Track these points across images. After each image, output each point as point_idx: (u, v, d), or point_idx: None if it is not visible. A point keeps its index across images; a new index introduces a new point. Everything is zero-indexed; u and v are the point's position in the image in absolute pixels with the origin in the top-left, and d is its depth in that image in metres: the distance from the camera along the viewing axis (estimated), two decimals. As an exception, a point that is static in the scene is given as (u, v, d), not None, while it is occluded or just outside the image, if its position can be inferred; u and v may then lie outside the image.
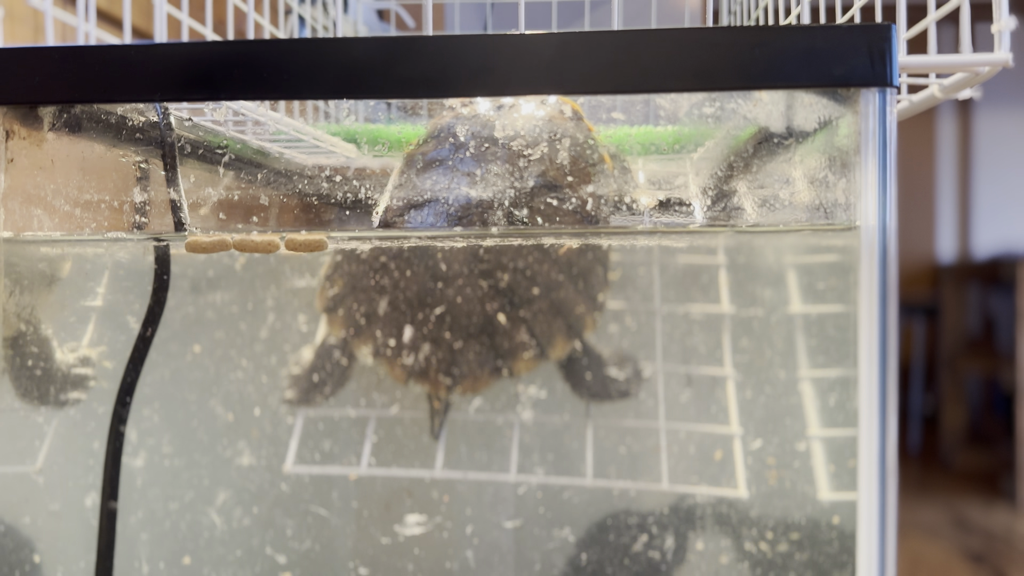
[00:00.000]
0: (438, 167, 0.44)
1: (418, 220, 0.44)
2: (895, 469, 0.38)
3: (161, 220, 0.44)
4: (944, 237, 3.23)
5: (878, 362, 0.38)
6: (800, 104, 0.42)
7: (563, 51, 0.38)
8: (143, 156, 0.44)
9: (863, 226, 0.38)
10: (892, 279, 0.38)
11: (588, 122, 0.45)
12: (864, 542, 0.39)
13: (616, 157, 0.46)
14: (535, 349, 0.57)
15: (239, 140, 0.47)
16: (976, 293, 2.99)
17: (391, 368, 0.58)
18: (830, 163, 0.41)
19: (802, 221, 0.44)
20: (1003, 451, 2.58)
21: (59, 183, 0.43)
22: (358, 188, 0.44)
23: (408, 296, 0.56)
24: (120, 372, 0.48)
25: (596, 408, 0.60)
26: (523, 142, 0.44)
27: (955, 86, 0.43)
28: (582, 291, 0.57)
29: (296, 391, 0.60)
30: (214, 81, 0.39)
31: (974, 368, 2.75)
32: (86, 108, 0.43)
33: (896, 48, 0.37)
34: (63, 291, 0.52)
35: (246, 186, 0.44)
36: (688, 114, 0.44)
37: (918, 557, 1.83)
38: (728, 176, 0.44)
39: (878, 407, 0.38)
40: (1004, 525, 2.08)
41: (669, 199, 0.44)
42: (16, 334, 0.48)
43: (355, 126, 0.45)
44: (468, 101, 0.45)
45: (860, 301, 0.38)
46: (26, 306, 0.48)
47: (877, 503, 0.38)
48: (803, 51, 0.37)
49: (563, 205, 0.44)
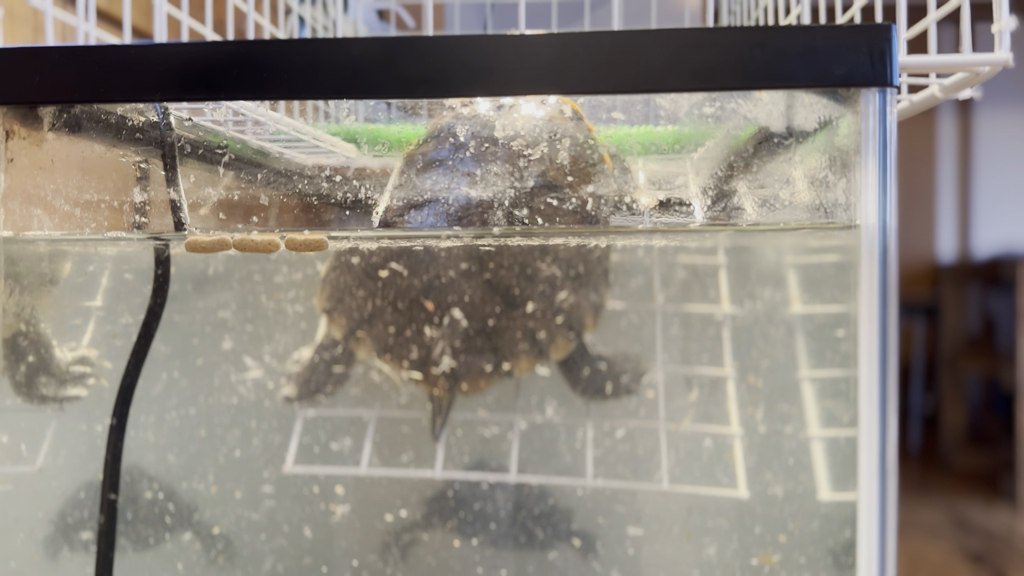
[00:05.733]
0: (438, 167, 0.44)
1: (418, 220, 0.44)
2: (895, 469, 0.38)
3: (161, 220, 0.44)
4: (944, 237, 3.23)
5: (878, 362, 0.38)
6: (800, 104, 0.42)
7: (563, 51, 0.38)
8: (143, 156, 0.44)
9: (863, 226, 0.38)
10: (892, 279, 0.38)
11: (588, 122, 0.45)
12: (864, 542, 0.39)
13: (616, 157, 0.46)
14: (535, 349, 0.57)
15: (239, 140, 0.47)
16: (976, 293, 2.99)
17: (391, 368, 0.58)
18: (830, 163, 0.41)
19: (802, 221, 0.44)
20: (1003, 451, 2.58)
21: (59, 183, 0.43)
22: (358, 188, 0.44)
23: (408, 296, 0.56)
24: (120, 372, 0.48)
25: (596, 407, 0.60)
26: (523, 142, 0.44)
27: (955, 86, 0.43)
28: (582, 291, 0.57)
29: (295, 390, 0.60)
30: (214, 81, 0.39)
31: (974, 368, 2.75)
32: (86, 108, 0.43)
33: (896, 48, 0.37)
34: (63, 291, 0.52)
35: (246, 186, 0.44)
36: (688, 114, 0.44)
37: (918, 557, 1.83)
38: (728, 176, 0.44)
39: (878, 407, 0.38)
40: (1004, 525, 2.08)
41: (669, 199, 0.44)
42: (16, 334, 0.48)
43: (355, 126, 0.45)
44: (468, 101, 0.45)
45: (860, 301, 0.38)
46: (26, 306, 0.48)
47: (877, 503, 0.38)
48: (803, 51, 0.37)
49: (563, 205, 0.43)
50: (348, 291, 0.58)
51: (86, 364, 0.53)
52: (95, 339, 0.55)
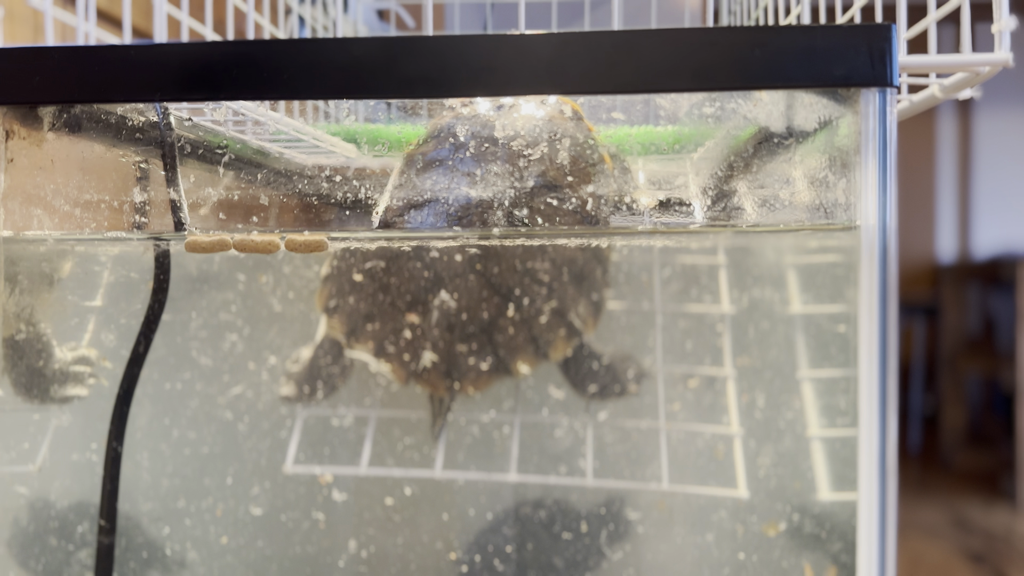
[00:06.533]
0: (438, 167, 0.44)
1: (418, 220, 0.44)
2: (895, 469, 0.38)
3: (161, 220, 0.44)
4: (944, 237, 3.23)
5: (878, 362, 0.38)
6: (800, 104, 0.42)
7: (563, 51, 0.38)
8: (143, 156, 0.44)
9: (863, 226, 0.38)
10: (892, 279, 0.38)
11: (588, 122, 0.45)
12: (864, 542, 0.39)
13: (616, 157, 0.46)
14: (535, 349, 0.57)
15: (239, 140, 0.47)
16: (976, 293, 2.99)
17: (391, 368, 0.58)
18: (830, 163, 0.41)
19: (802, 221, 0.44)
20: (1003, 451, 2.58)
21: (59, 183, 0.43)
22: (358, 188, 0.44)
23: (408, 296, 0.56)
24: (120, 372, 0.48)
25: (596, 406, 0.60)
26: (523, 142, 0.44)
27: (955, 86, 0.43)
28: (582, 291, 0.57)
29: (294, 390, 0.60)
30: (214, 81, 0.39)
31: (974, 368, 2.75)
32: (86, 108, 0.43)
33: (896, 48, 0.37)
34: (63, 291, 0.52)
35: (246, 186, 0.44)
36: (688, 114, 0.44)
37: (918, 557, 1.83)
38: (728, 176, 0.44)
39: (878, 407, 0.38)
40: (1004, 525, 2.08)
41: (669, 199, 0.44)
42: (16, 333, 0.48)
43: (355, 126, 0.45)
44: (468, 101, 0.45)
45: (860, 301, 0.38)
46: (26, 306, 0.48)
47: (877, 503, 0.38)
48: (803, 51, 0.37)
49: (563, 205, 0.43)
50: (348, 291, 0.58)
51: (86, 364, 0.53)
52: (95, 339, 0.55)
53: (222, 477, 0.61)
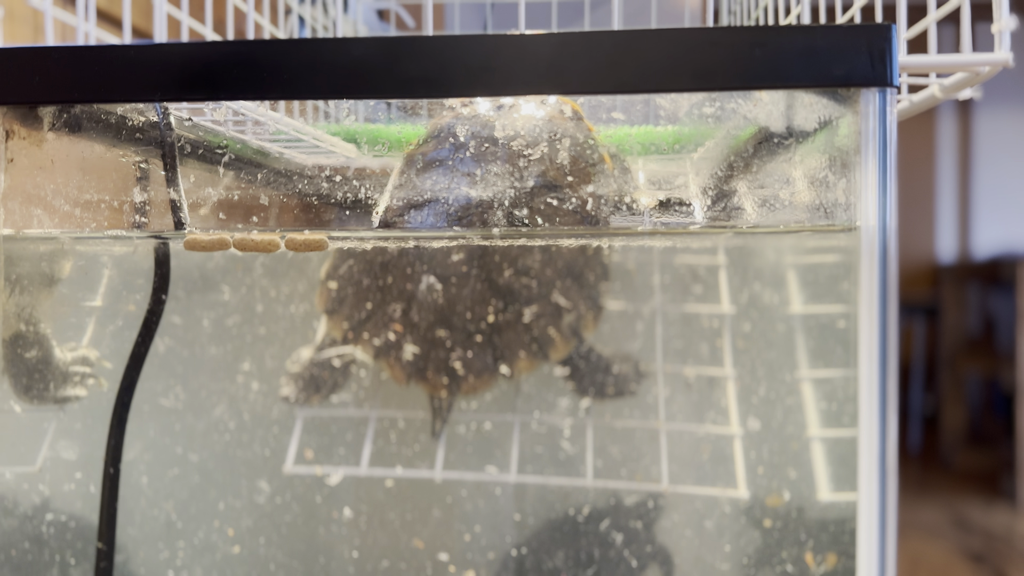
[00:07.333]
0: (438, 167, 0.44)
1: (418, 220, 0.44)
2: (895, 469, 0.38)
3: (161, 220, 0.44)
4: (944, 237, 3.23)
5: (878, 362, 0.38)
6: (800, 104, 0.42)
7: (563, 51, 0.38)
8: (143, 156, 0.44)
9: (863, 226, 0.38)
10: (892, 279, 0.38)
11: (588, 122, 0.45)
12: (864, 542, 0.39)
13: (616, 157, 0.46)
14: (535, 349, 0.57)
15: (239, 140, 0.47)
16: (976, 293, 2.99)
17: (392, 368, 0.58)
18: (830, 163, 0.41)
19: (802, 221, 0.44)
20: (1003, 451, 2.58)
21: (59, 183, 0.43)
22: (358, 188, 0.44)
23: (408, 296, 0.56)
24: (120, 371, 0.48)
25: (596, 406, 0.60)
26: (523, 142, 0.44)
27: (955, 86, 0.43)
28: (582, 291, 0.57)
29: (294, 390, 0.60)
30: (214, 81, 0.39)
31: (974, 368, 2.75)
32: (86, 108, 0.43)
33: (896, 48, 0.37)
34: (63, 290, 0.52)
35: (246, 186, 0.44)
36: (688, 114, 0.44)
37: (918, 557, 1.83)
38: (728, 176, 0.44)
39: (878, 407, 0.38)
40: (1004, 525, 2.08)
41: (669, 199, 0.44)
42: (16, 333, 0.48)
43: (355, 126, 0.45)
44: (468, 101, 0.45)
45: (860, 301, 0.38)
46: (26, 306, 0.48)
47: (877, 503, 0.38)
48: (803, 51, 0.37)
49: (563, 205, 0.43)
50: (348, 291, 0.58)
51: (86, 364, 0.53)
52: (95, 339, 0.55)
53: (222, 477, 0.61)
